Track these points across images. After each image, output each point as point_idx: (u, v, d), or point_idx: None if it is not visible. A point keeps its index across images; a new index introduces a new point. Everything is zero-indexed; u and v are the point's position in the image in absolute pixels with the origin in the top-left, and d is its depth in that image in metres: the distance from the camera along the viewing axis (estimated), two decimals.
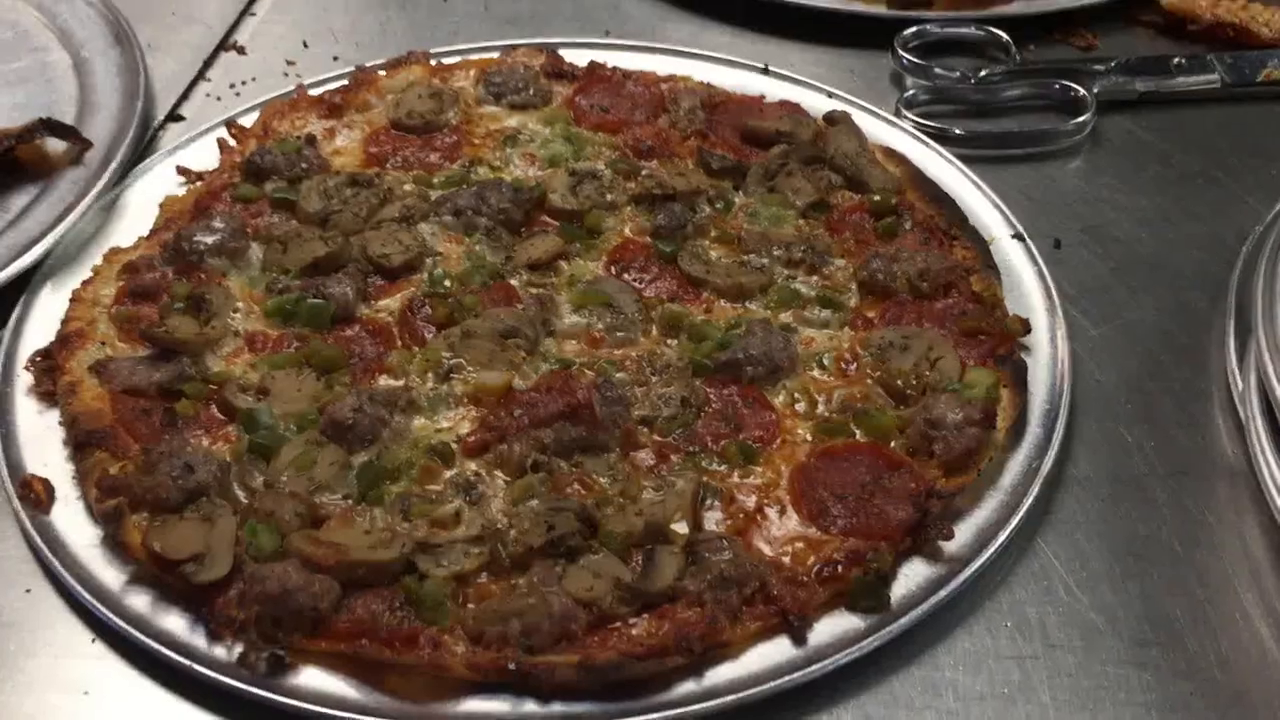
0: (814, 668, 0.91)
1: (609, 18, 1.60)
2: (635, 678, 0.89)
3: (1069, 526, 1.06)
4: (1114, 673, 0.95)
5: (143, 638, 0.90)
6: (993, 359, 1.14)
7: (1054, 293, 1.22)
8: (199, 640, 0.90)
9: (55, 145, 1.26)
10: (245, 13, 1.54)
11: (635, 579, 0.93)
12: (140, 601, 0.92)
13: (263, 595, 0.88)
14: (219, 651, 0.89)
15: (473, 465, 1.01)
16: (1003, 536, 1.00)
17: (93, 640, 0.93)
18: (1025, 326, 1.17)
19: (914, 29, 1.57)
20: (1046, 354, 1.16)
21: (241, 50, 1.48)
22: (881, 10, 1.61)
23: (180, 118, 1.38)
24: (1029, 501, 1.03)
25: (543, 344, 1.12)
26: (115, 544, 0.94)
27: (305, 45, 1.49)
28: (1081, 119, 1.47)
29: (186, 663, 0.88)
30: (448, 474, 1.00)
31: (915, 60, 1.54)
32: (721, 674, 0.90)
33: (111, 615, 0.91)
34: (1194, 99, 1.54)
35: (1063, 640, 0.97)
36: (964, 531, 1.01)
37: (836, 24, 1.59)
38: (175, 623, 0.91)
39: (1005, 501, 1.03)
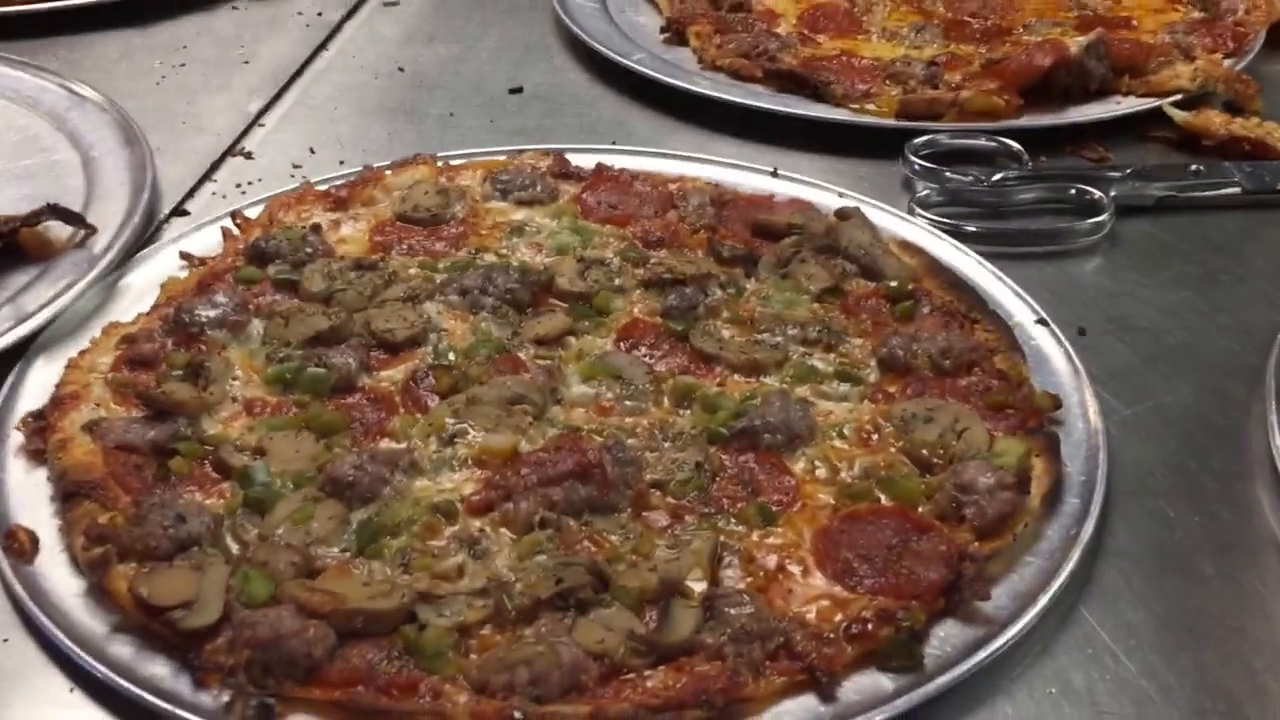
0: None
1: (615, 131, 1.72)
2: None
3: (1112, 596, 1.07)
4: None
5: (124, 683, 0.90)
6: (1022, 431, 1.18)
7: (1082, 373, 1.27)
8: (183, 688, 0.91)
9: (58, 234, 1.34)
10: (254, 124, 1.66)
11: (650, 632, 0.94)
12: (123, 650, 0.93)
13: (254, 640, 0.90)
14: (204, 699, 0.90)
15: (477, 523, 1.04)
16: (1044, 599, 1.02)
17: (71, 690, 0.93)
18: (1055, 402, 1.22)
19: (924, 138, 1.69)
20: (1079, 430, 1.20)
21: (249, 156, 1.60)
22: (890, 122, 1.74)
23: (185, 213, 1.48)
24: (1070, 566, 1.05)
25: (550, 411, 1.16)
26: (100, 592, 0.96)
27: (312, 151, 1.61)
28: (1099, 219, 1.56)
29: (169, 708, 0.89)
30: (450, 530, 1.03)
31: (926, 164, 1.64)
32: None
33: (92, 661, 0.92)
34: (1213, 205, 1.63)
35: (1113, 708, 0.97)
36: (1001, 596, 1.02)
37: (845, 134, 1.71)
38: (159, 670, 0.92)
39: (1044, 567, 1.05)
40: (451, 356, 1.23)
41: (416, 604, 0.95)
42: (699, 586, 0.99)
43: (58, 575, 1.00)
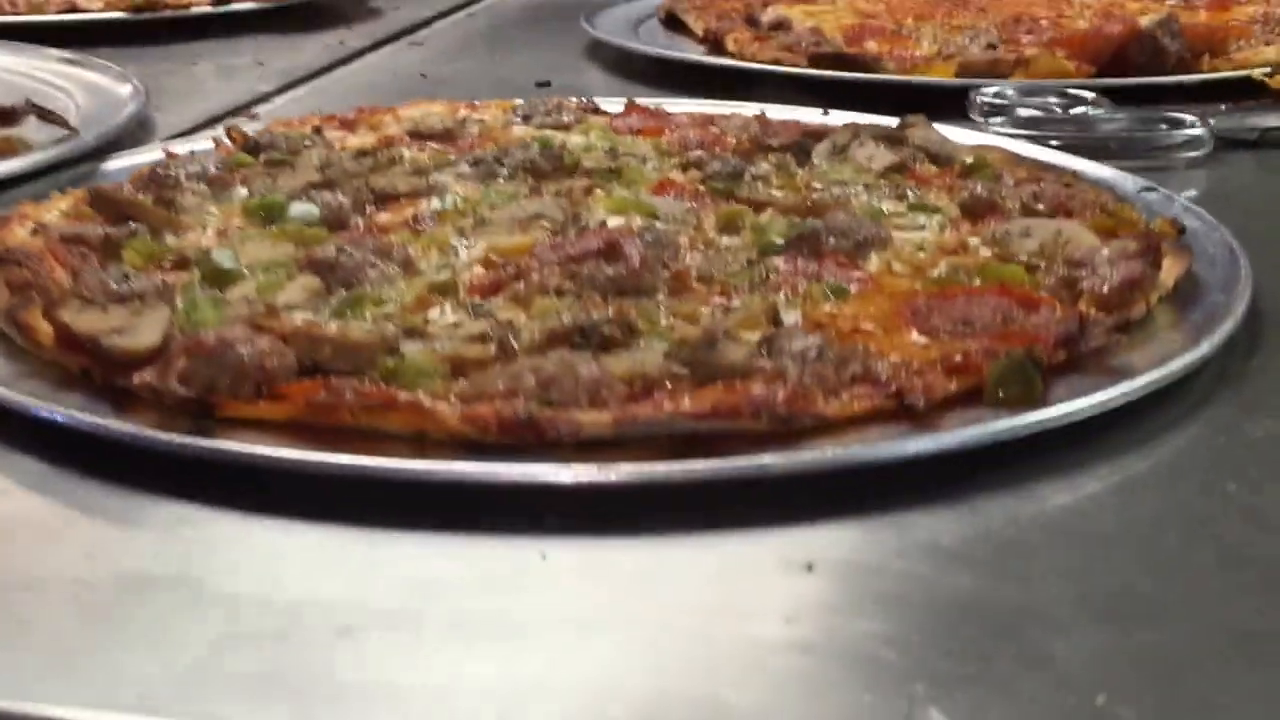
0: (950, 435, 0.73)
1: None
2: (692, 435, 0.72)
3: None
4: None
5: (27, 400, 0.76)
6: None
7: (1207, 216, 1.13)
8: (103, 411, 0.75)
9: (36, 139, 1.29)
10: (263, 99, 1.64)
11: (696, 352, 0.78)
12: (32, 386, 0.79)
13: (195, 347, 0.75)
14: (129, 426, 0.74)
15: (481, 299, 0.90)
16: (1200, 350, 0.85)
17: None
18: (1178, 227, 1.07)
19: (992, 89, 1.61)
20: (1211, 252, 1.05)
21: (254, 117, 1.56)
22: (951, 80, 1.67)
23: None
24: (1227, 327, 0.88)
25: (570, 233, 1.04)
26: (15, 327, 0.82)
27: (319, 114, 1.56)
28: (1198, 133, 1.45)
29: (78, 415, 0.73)
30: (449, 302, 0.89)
31: (995, 102, 1.56)
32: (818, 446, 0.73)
33: None
34: None
35: None
36: (1140, 357, 0.85)
37: (903, 100, 1.64)
38: (74, 400, 0.77)
39: (1190, 337, 0.88)
40: (459, 205, 1.12)
41: (401, 339, 0.80)
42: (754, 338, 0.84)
43: None
